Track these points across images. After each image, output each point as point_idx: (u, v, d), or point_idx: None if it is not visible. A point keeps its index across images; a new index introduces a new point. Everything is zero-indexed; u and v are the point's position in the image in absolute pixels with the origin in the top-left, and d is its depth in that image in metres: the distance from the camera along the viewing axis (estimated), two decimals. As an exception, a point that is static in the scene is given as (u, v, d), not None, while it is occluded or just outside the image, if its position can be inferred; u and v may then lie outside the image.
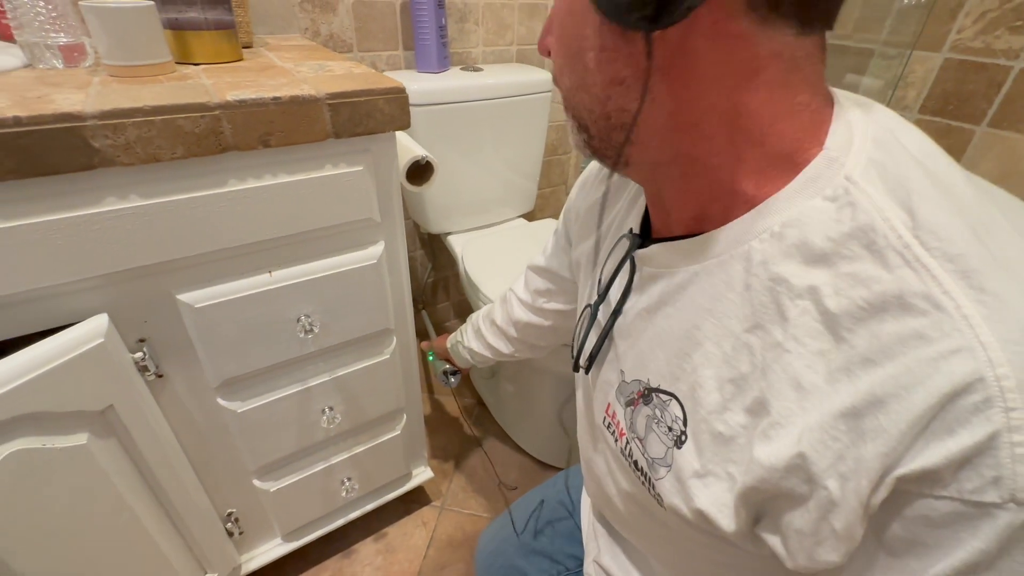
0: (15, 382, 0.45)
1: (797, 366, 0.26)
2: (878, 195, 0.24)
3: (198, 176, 0.51)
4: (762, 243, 0.28)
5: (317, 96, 0.53)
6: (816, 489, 0.25)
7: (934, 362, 0.21)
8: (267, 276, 0.60)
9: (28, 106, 0.43)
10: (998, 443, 0.20)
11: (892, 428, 0.22)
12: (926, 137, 0.27)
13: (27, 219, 0.44)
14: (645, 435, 0.36)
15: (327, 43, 0.98)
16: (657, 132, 0.29)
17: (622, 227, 0.41)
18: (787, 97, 0.26)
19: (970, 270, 0.22)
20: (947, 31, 1.11)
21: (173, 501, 0.64)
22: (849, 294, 0.24)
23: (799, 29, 0.25)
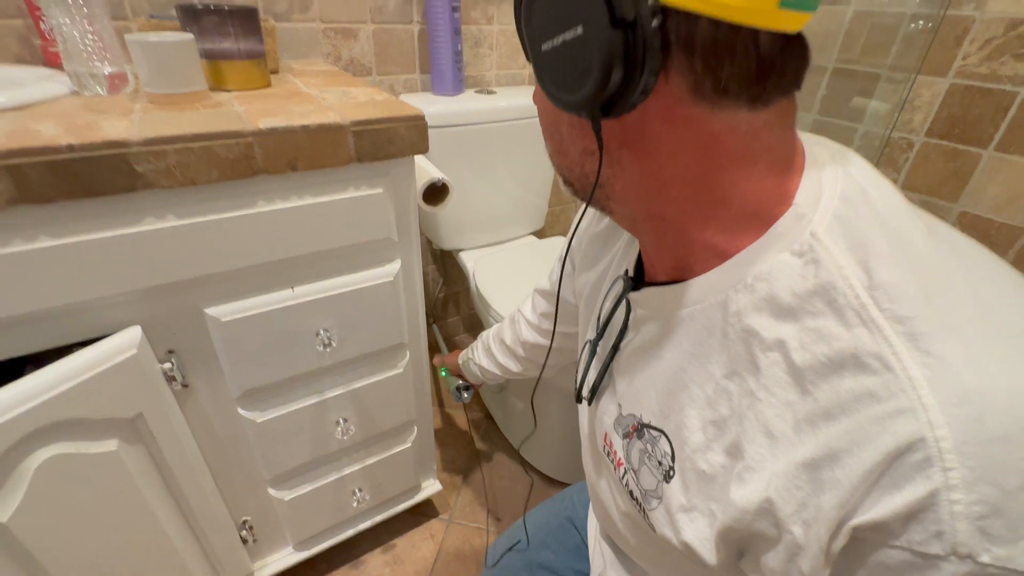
0: (56, 390, 0.48)
1: (768, 415, 0.27)
2: (839, 253, 0.26)
3: (230, 198, 0.54)
4: (737, 293, 0.29)
5: (342, 123, 0.56)
6: (783, 533, 0.27)
7: (881, 421, 0.23)
8: (290, 292, 0.63)
9: (79, 133, 0.46)
10: (938, 500, 0.21)
11: (846, 481, 0.24)
12: (895, 192, 0.29)
13: (75, 237, 0.47)
14: (639, 467, 0.38)
15: (348, 67, 1.03)
16: (630, 193, 0.32)
17: (620, 266, 0.43)
18: (748, 164, 0.28)
19: (917, 333, 0.23)
20: (952, 57, 1.13)
21: (192, 507, 0.67)
22: (812, 349, 0.26)
23: (752, 106, 0.26)
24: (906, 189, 1.27)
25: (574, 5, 0.24)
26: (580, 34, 0.24)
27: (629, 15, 0.23)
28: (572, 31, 0.25)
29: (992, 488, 0.21)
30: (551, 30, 0.26)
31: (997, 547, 0.21)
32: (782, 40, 0.25)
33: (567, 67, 0.26)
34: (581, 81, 0.25)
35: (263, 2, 0.89)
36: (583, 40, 0.24)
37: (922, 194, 1.24)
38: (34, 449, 0.49)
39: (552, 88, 0.28)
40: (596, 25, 0.24)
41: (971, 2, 1.07)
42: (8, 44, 0.75)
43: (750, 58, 0.24)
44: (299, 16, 0.94)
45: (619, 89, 0.25)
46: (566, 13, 0.25)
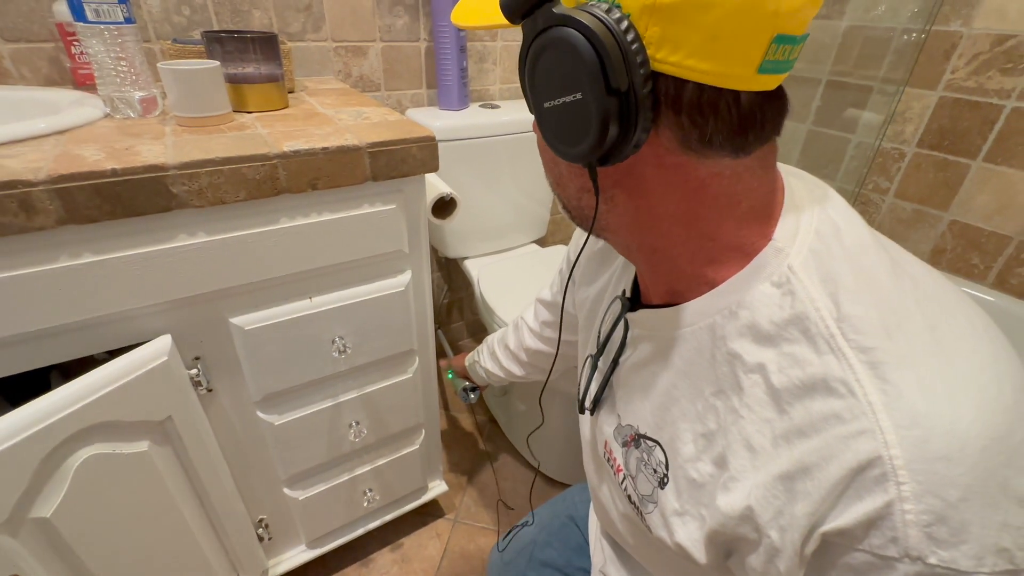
0: (96, 394, 0.52)
1: (750, 430, 0.31)
2: (812, 286, 0.29)
3: (255, 215, 0.58)
4: (723, 319, 0.33)
5: (359, 146, 0.60)
6: (763, 537, 0.30)
7: (845, 440, 0.26)
8: (308, 302, 0.67)
9: (120, 158, 0.50)
10: (893, 510, 0.24)
11: (815, 493, 0.27)
12: (864, 228, 0.32)
13: (116, 253, 0.52)
14: (636, 474, 0.41)
15: (357, 83, 1.07)
16: (624, 227, 0.35)
17: (618, 286, 0.47)
18: (732, 204, 0.31)
19: (877, 362, 0.26)
20: (942, 71, 1.17)
21: (214, 505, 0.70)
22: (789, 373, 0.29)
23: (735, 155, 0.29)
24: (898, 198, 1.30)
25: (574, 74, 0.26)
26: (579, 98, 0.27)
27: (623, 86, 0.26)
28: (572, 95, 0.27)
29: (937, 500, 0.24)
30: (552, 92, 0.29)
31: (942, 550, 0.24)
32: (762, 97, 0.27)
33: (567, 124, 0.29)
34: (580, 138, 0.28)
35: (278, 23, 0.93)
36: (582, 103, 0.27)
37: (914, 203, 1.28)
38: (75, 450, 0.53)
39: (553, 141, 0.31)
40: (594, 92, 0.26)
41: (959, 18, 1.11)
42: (39, 66, 0.79)
43: (732, 115, 0.27)
44: (312, 36, 0.98)
45: (614, 144, 0.28)
46: (566, 80, 0.27)
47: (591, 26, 0.25)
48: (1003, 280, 1.17)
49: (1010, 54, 1.06)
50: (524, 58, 0.30)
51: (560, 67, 0.27)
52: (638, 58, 0.25)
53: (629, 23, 0.25)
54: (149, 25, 0.83)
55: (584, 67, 0.26)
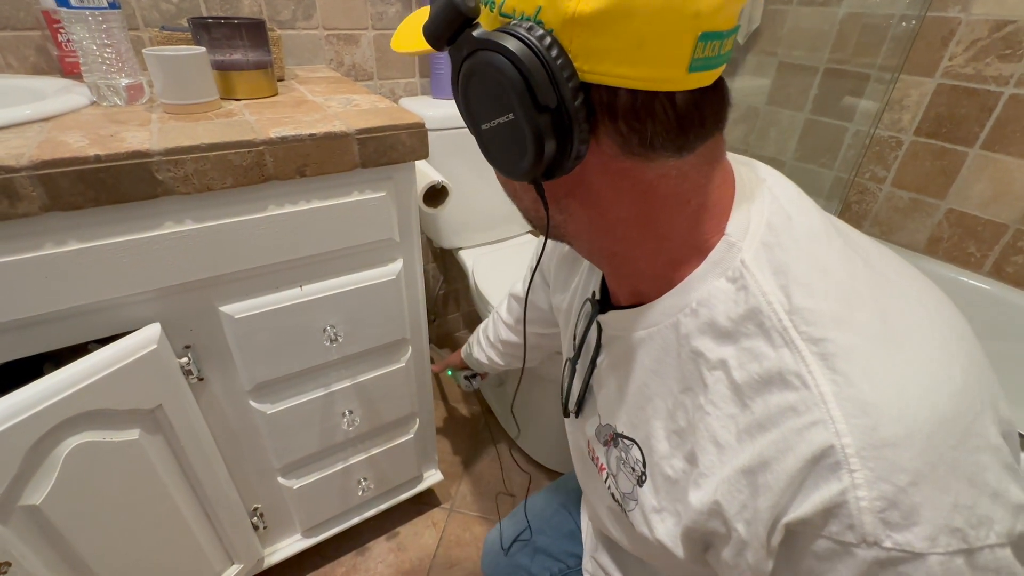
0: (85, 382, 0.52)
1: (715, 426, 0.31)
2: (763, 279, 0.30)
3: (243, 203, 0.58)
4: (685, 317, 0.33)
5: (348, 132, 0.59)
6: (731, 531, 0.30)
7: (800, 432, 0.27)
8: (298, 290, 0.67)
9: (104, 144, 0.50)
10: (847, 497, 0.25)
11: (775, 485, 0.27)
12: (816, 215, 0.32)
13: (101, 240, 0.51)
14: (617, 473, 0.42)
15: (349, 72, 1.06)
16: (583, 234, 0.35)
17: (588, 288, 0.47)
18: (682, 203, 0.31)
19: (828, 353, 0.27)
20: (939, 58, 1.16)
21: (208, 494, 0.70)
22: (748, 368, 0.29)
23: (678, 154, 0.29)
24: (895, 187, 1.30)
25: (503, 96, 0.26)
26: (512, 119, 0.27)
27: (552, 102, 0.26)
28: (505, 116, 0.27)
29: (888, 485, 0.24)
30: (487, 115, 0.29)
31: (896, 534, 0.24)
32: (699, 94, 0.27)
33: (506, 144, 0.29)
34: (519, 156, 0.28)
35: (267, 11, 0.92)
36: (515, 123, 0.27)
37: (910, 191, 1.27)
38: (64, 437, 0.53)
39: (496, 161, 0.31)
40: (524, 111, 0.26)
41: (957, 4, 1.10)
42: (27, 54, 0.78)
43: (669, 116, 0.27)
44: (303, 24, 0.97)
45: (554, 159, 0.28)
46: (497, 102, 0.27)
47: (511, 47, 0.25)
48: (999, 268, 1.16)
49: (1008, 40, 1.05)
50: (455, 84, 0.30)
51: (489, 90, 0.27)
52: (565, 72, 0.25)
53: (552, 39, 0.25)
54: (137, 12, 0.82)
55: (511, 88, 0.26)
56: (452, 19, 0.27)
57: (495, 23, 0.27)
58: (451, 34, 0.28)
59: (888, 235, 1.34)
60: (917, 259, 1.27)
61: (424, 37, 0.29)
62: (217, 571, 0.78)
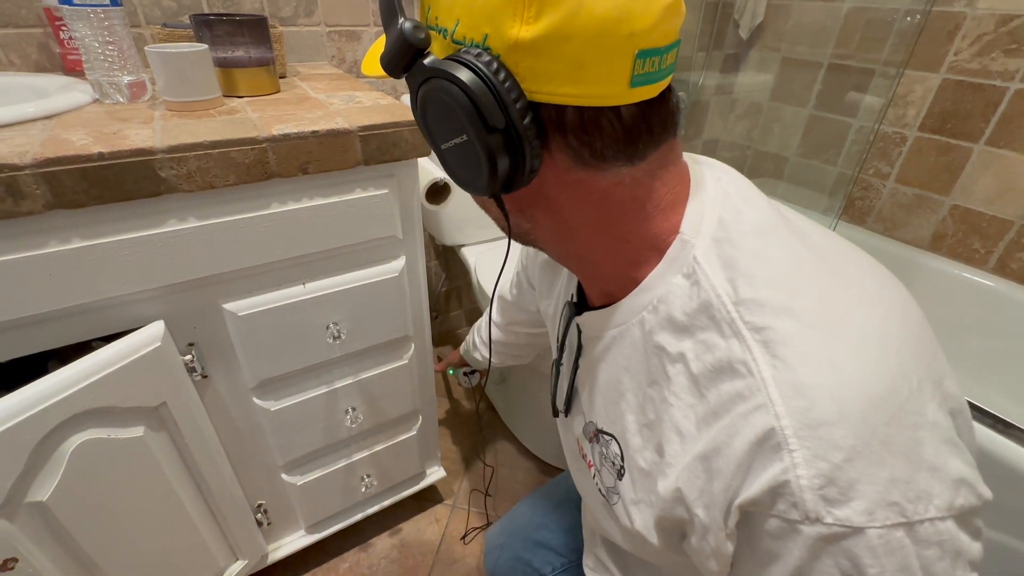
0: (89, 380, 0.52)
1: (678, 417, 0.32)
2: (713, 273, 0.31)
3: (246, 200, 0.58)
4: (648, 314, 0.34)
5: (350, 129, 0.59)
6: (693, 516, 0.31)
7: (745, 417, 0.28)
8: (301, 287, 0.67)
9: (107, 142, 0.50)
10: (788, 477, 0.26)
11: (726, 469, 0.29)
12: (766, 208, 0.34)
13: (105, 238, 0.51)
14: (600, 468, 0.43)
15: (351, 69, 1.06)
16: (550, 240, 0.37)
17: (568, 292, 0.49)
18: (637, 207, 0.32)
19: (769, 340, 0.28)
20: (945, 53, 1.15)
21: (212, 491, 0.71)
22: (703, 359, 0.30)
23: (630, 163, 0.30)
24: (899, 183, 1.29)
25: (456, 119, 0.28)
26: (466, 140, 0.29)
27: (500, 124, 0.27)
28: (459, 138, 0.29)
29: (824, 463, 0.25)
30: (444, 136, 0.30)
31: (835, 509, 0.25)
32: (644, 106, 0.28)
33: (463, 163, 0.30)
34: (476, 173, 0.30)
35: (269, 7, 0.92)
36: (469, 144, 0.29)
37: (915, 188, 1.27)
38: (70, 434, 0.53)
39: (456, 179, 0.33)
40: (476, 133, 0.28)
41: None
42: (29, 52, 0.78)
43: (616, 129, 0.28)
44: (304, 20, 0.97)
45: (509, 175, 0.29)
46: (451, 124, 0.29)
47: (459, 75, 0.26)
48: (1004, 265, 1.16)
49: (1015, 34, 1.04)
50: (414, 108, 0.31)
51: (444, 114, 0.29)
52: (512, 95, 0.27)
53: (499, 64, 0.26)
54: (139, 10, 0.82)
55: (462, 112, 0.27)
56: (404, 51, 0.29)
57: (447, 50, 0.29)
58: (404, 64, 0.29)
59: (892, 232, 1.33)
60: (921, 256, 1.27)
61: (381, 67, 0.31)
62: (221, 567, 0.78)
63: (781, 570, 0.27)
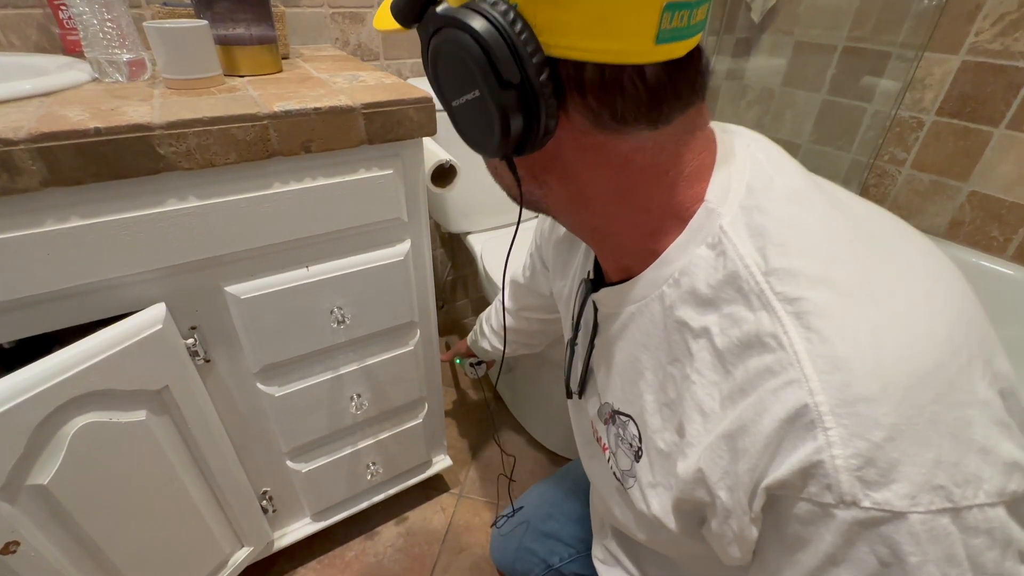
0: (89, 361, 0.51)
1: (700, 395, 0.30)
2: (741, 243, 0.29)
3: (247, 179, 0.56)
4: (669, 287, 0.32)
5: (353, 106, 0.57)
6: (715, 498, 0.30)
7: (775, 393, 0.26)
8: (305, 271, 0.65)
9: (104, 118, 0.48)
10: (823, 456, 0.24)
11: (752, 448, 0.27)
12: (797, 174, 0.31)
13: (103, 217, 0.50)
14: (616, 450, 0.42)
15: (356, 52, 1.04)
16: (563, 209, 0.35)
17: (584, 269, 0.47)
18: (659, 174, 0.30)
19: (802, 312, 0.26)
20: (965, 33, 1.12)
21: (216, 477, 0.70)
22: (729, 333, 0.29)
23: (653, 127, 0.28)
24: (915, 169, 1.26)
25: (468, 73, 0.26)
26: (478, 96, 0.27)
27: (515, 78, 0.25)
28: (471, 93, 0.27)
29: (863, 442, 0.23)
30: (455, 91, 0.29)
31: (874, 492, 0.23)
32: (671, 66, 0.26)
33: (474, 121, 0.29)
34: (488, 133, 0.28)
35: (272, -12, 0.90)
36: (482, 100, 0.27)
37: (931, 174, 1.23)
38: (70, 417, 0.52)
39: (466, 139, 0.31)
40: (489, 88, 0.26)
41: (985, -24, 1.06)
42: (28, 33, 0.77)
43: (639, 90, 0.26)
44: (307, 1, 0.95)
45: (522, 135, 0.28)
46: (463, 79, 0.27)
47: (473, 24, 0.25)
48: (1023, 253, 1.13)
49: (1039, 13, 1.01)
50: (425, 61, 0.30)
51: (456, 67, 0.27)
52: (528, 47, 0.25)
53: (516, 13, 0.24)
54: (138, -11, 0.80)
55: (475, 65, 0.25)
56: None
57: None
58: (416, 11, 0.28)
59: (907, 219, 1.29)
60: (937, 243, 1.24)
61: (392, 15, 0.29)
62: (227, 553, 0.78)
63: (810, 557, 0.26)
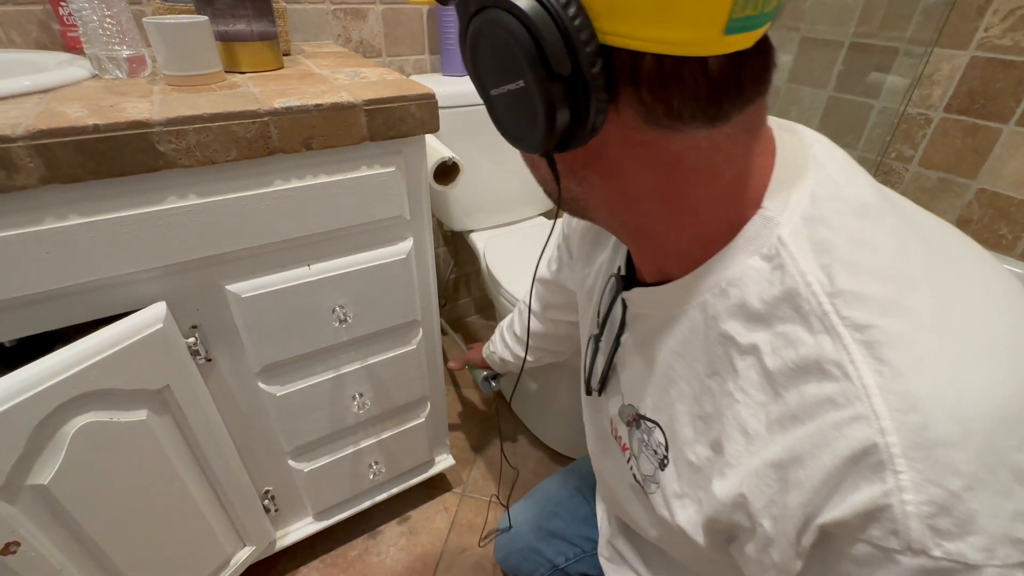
0: (90, 360, 0.51)
1: (744, 414, 0.29)
2: (803, 258, 0.27)
3: (247, 177, 0.56)
4: (714, 297, 0.30)
5: (355, 102, 0.57)
6: (756, 525, 0.28)
7: (839, 427, 0.24)
8: (306, 269, 0.65)
9: (104, 114, 0.48)
10: (891, 501, 0.23)
11: (807, 483, 0.25)
12: (868, 187, 0.29)
13: (102, 215, 0.50)
14: (638, 454, 0.41)
15: (358, 49, 1.03)
16: (602, 208, 0.33)
17: (614, 262, 0.44)
18: (713, 176, 0.28)
19: (873, 341, 0.24)
20: (974, 29, 1.10)
21: (218, 476, 0.70)
22: (782, 354, 0.27)
23: (710, 125, 0.25)
24: (922, 167, 1.25)
25: (512, 60, 0.24)
26: (522, 86, 0.25)
27: (566, 70, 0.23)
28: (514, 83, 0.25)
29: (939, 490, 0.22)
30: (495, 79, 0.26)
31: (947, 542, 0.22)
32: (737, 58, 0.24)
33: (515, 113, 0.26)
34: (530, 127, 0.26)
35: (273, -16, 0.90)
36: (527, 91, 0.24)
37: (939, 171, 1.22)
38: (70, 417, 0.52)
39: (506, 132, 0.29)
40: (535, 79, 0.24)
41: (995, -30, 1.04)
42: (29, 30, 0.77)
43: (700, 85, 0.23)
44: (309, -3, 0.94)
45: (567, 131, 0.25)
46: (506, 66, 0.25)
47: (522, 6, 0.22)
48: (1032, 251, 1.12)
49: (1050, 7, 0.99)
50: (463, 42, 0.27)
51: (498, 53, 0.25)
52: (583, 35, 0.22)
53: None
54: (139, -15, 0.80)
55: (521, 53, 0.23)
56: None
57: None
58: None
59: (914, 217, 1.29)
60: (945, 241, 1.23)
61: None
62: (229, 553, 0.77)
63: None
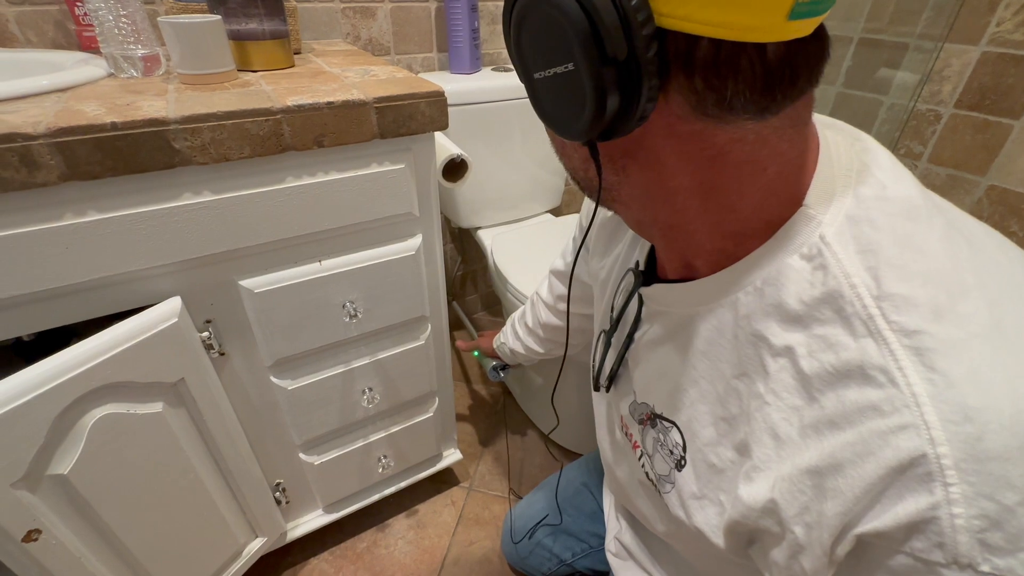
0: (107, 354, 0.52)
1: (775, 418, 0.28)
2: (847, 259, 0.26)
3: (261, 174, 0.56)
4: (747, 295, 0.30)
5: (365, 100, 0.58)
6: (786, 532, 0.28)
7: (884, 436, 0.24)
8: (317, 265, 0.66)
9: (121, 112, 0.49)
10: (939, 514, 0.22)
11: (848, 491, 0.25)
12: (914, 187, 0.28)
13: (120, 211, 0.51)
14: (652, 454, 0.40)
15: (367, 47, 1.04)
16: (636, 200, 0.31)
17: (630, 256, 0.44)
18: (757, 171, 0.27)
19: (923, 348, 0.23)
20: (986, 24, 1.09)
21: (231, 468, 0.71)
22: (820, 357, 0.26)
23: (760, 116, 0.24)
24: (932, 163, 1.24)
25: (563, 42, 0.23)
26: (571, 69, 0.23)
27: (621, 54, 0.22)
28: (563, 66, 0.24)
29: (991, 503, 0.22)
30: (541, 62, 0.25)
31: (997, 558, 0.21)
32: (794, 46, 0.23)
33: (561, 98, 0.25)
34: (576, 113, 0.25)
35: (283, -18, 0.90)
36: (575, 75, 0.23)
37: (949, 168, 1.21)
38: (89, 408, 0.53)
39: (548, 117, 0.28)
40: (587, 62, 0.22)
41: (1007, -35, 1.03)
42: (45, 29, 0.78)
43: (756, 73, 0.23)
44: (318, -4, 0.95)
45: (615, 119, 0.24)
46: (555, 48, 0.23)
47: None
48: (1044, 247, 1.11)
49: (1064, 2, 0.98)
50: (508, 21, 0.26)
51: (547, 34, 0.23)
52: (639, 16, 0.21)
53: None
54: (152, -15, 0.81)
55: (574, 34, 0.22)
56: None
57: None
58: None
59: (924, 213, 1.28)
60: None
61: None
62: (241, 543, 0.79)
63: None
